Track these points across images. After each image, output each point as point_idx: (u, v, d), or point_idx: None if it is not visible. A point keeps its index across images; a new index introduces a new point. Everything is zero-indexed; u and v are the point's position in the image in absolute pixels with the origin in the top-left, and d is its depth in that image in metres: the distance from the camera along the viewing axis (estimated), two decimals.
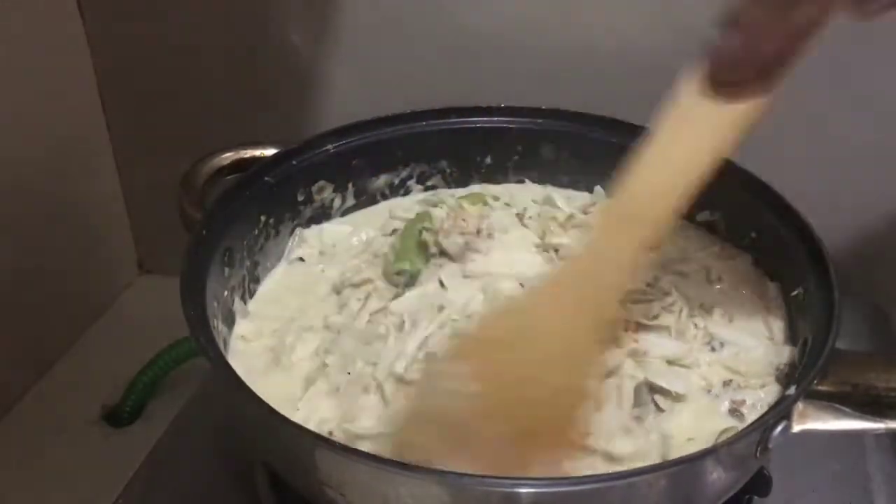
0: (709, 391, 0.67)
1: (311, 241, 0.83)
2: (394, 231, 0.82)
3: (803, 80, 0.89)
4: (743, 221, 0.79)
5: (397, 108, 0.86)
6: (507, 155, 0.89)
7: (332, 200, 0.86)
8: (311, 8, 0.99)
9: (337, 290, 0.77)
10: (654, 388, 0.66)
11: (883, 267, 0.99)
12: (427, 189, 0.90)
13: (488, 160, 0.90)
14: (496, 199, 0.87)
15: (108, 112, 1.11)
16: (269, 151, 0.81)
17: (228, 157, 0.81)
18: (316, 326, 0.73)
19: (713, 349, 0.71)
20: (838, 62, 0.89)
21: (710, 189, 0.81)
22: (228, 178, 0.80)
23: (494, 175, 0.90)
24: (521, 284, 0.74)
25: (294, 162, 0.81)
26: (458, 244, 0.76)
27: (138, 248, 1.23)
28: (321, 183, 0.84)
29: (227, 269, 0.74)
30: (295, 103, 1.05)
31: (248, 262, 0.78)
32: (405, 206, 0.87)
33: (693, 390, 0.67)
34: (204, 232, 0.71)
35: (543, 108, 0.87)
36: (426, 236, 0.77)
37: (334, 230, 0.85)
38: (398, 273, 0.76)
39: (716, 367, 0.69)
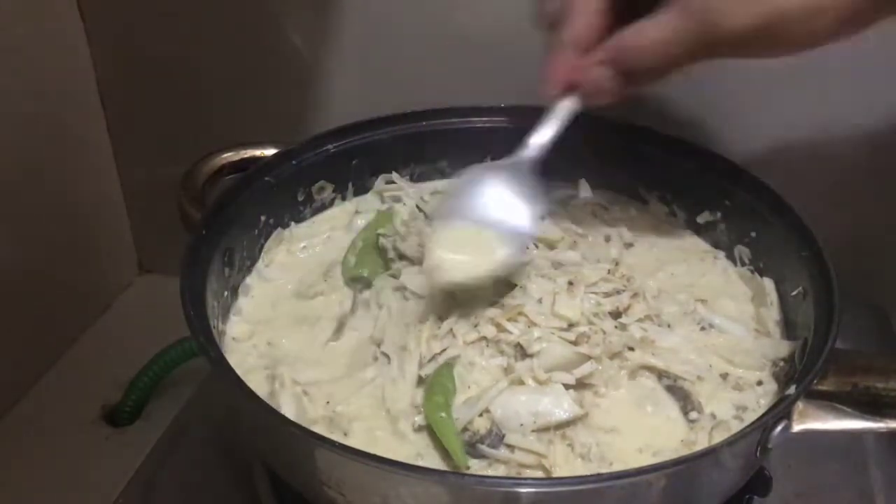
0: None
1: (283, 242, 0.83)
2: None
3: (807, 81, 0.91)
4: (743, 221, 0.79)
5: (397, 108, 0.86)
6: (507, 155, 0.89)
7: (333, 200, 0.86)
8: (311, 8, 0.99)
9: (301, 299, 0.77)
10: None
11: (883, 267, 0.99)
12: None
13: (488, 160, 0.90)
14: None
15: (108, 112, 1.11)
16: (269, 151, 0.81)
17: (228, 157, 0.81)
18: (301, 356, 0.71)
19: (703, 328, 0.72)
20: (840, 64, 0.90)
21: (710, 189, 0.82)
22: (228, 178, 0.80)
23: None
24: None
25: (294, 162, 0.81)
26: (415, 247, 0.75)
27: (138, 248, 1.23)
28: (321, 183, 0.84)
29: (227, 269, 0.74)
30: (295, 103, 1.05)
31: (248, 262, 0.78)
32: (369, 201, 0.86)
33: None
34: (204, 232, 0.71)
35: (543, 107, 0.87)
36: (384, 242, 0.77)
37: (302, 231, 0.84)
38: (354, 279, 0.76)
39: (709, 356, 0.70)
